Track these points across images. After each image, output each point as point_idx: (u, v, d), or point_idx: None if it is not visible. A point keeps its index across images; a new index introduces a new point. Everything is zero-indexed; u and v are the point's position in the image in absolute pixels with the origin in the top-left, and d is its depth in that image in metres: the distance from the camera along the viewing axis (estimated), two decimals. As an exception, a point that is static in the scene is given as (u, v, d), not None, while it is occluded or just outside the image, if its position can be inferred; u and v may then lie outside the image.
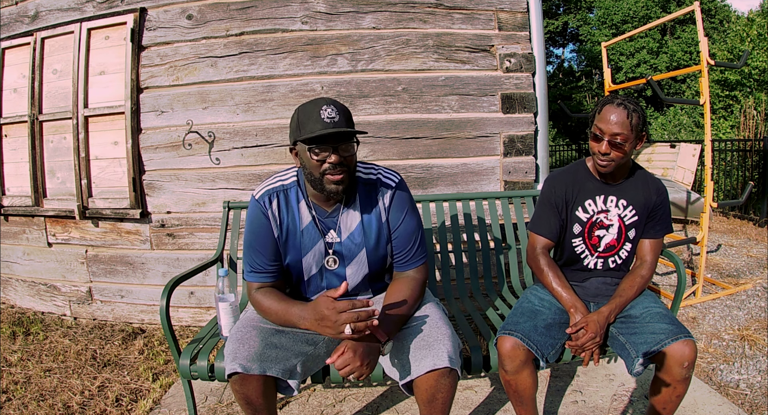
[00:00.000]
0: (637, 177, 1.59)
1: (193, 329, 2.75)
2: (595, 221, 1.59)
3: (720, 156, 6.38)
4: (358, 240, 1.37)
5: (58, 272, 2.98)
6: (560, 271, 1.61)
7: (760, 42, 10.49)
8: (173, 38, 2.61)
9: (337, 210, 1.36)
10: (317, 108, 1.21)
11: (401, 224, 1.38)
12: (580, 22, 21.77)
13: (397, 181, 1.40)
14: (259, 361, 1.22)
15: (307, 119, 1.21)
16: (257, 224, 1.35)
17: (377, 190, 1.38)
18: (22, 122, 2.95)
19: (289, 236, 1.36)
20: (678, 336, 1.33)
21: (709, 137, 3.00)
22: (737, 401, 1.90)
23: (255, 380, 1.22)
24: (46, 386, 2.14)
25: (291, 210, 1.35)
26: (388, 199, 1.38)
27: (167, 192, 2.70)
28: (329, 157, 1.21)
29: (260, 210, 1.34)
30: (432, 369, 1.21)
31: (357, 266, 1.40)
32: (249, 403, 1.26)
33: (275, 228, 1.34)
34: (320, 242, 1.36)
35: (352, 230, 1.37)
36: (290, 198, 1.36)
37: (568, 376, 2.10)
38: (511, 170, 2.61)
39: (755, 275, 3.57)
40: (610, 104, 1.45)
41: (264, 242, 1.35)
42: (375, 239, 1.38)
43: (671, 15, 3.21)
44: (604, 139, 1.45)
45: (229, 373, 1.22)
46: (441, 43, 2.57)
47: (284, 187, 1.37)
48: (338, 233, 1.36)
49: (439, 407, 1.28)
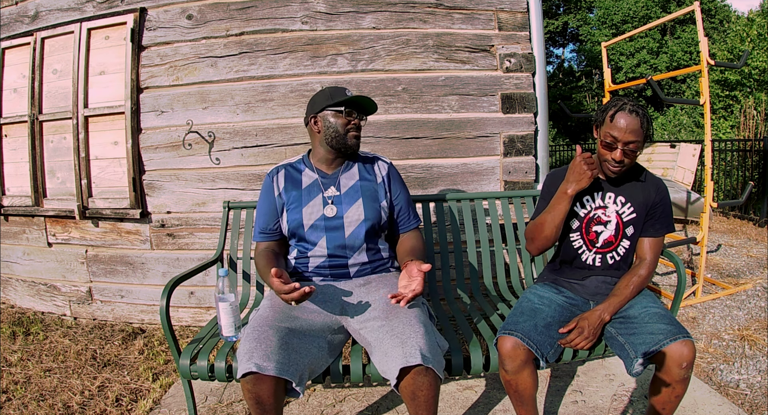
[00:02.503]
0: (637, 175, 1.59)
1: (193, 329, 2.75)
2: (593, 216, 1.60)
3: (720, 156, 6.39)
4: (356, 193, 1.63)
5: (58, 272, 2.98)
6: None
7: (760, 42, 10.49)
8: (173, 38, 2.62)
9: (337, 172, 1.66)
10: (343, 89, 1.60)
11: (400, 193, 1.71)
12: (580, 22, 21.78)
13: (389, 162, 1.76)
14: (276, 362, 1.24)
15: (338, 93, 1.58)
16: (264, 192, 1.67)
17: (374, 163, 1.72)
18: (22, 122, 2.95)
19: (292, 193, 1.63)
20: (677, 336, 1.33)
21: (709, 137, 3.00)
22: (737, 401, 1.90)
23: (269, 381, 1.23)
24: (46, 386, 2.14)
25: (295, 176, 1.66)
26: (385, 170, 1.71)
27: (167, 192, 2.70)
28: (355, 119, 1.60)
29: (269, 179, 1.67)
30: (405, 366, 1.23)
31: (355, 216, 1.60)
32: (259, 403, 1.26)
33: (276, 189, 1.64)
34: (320, 196, 1.62)
35: (350, 186, 1.64)
36: (295, 168, 1.69)
37: (568, 376, 2.10)
38: (511, 170, 2.62)
39: (755, 275, 3.58)
40: (622, 111, 1.44)
41: (267, 206, 1.65)
42: (371, 194, 1.64)
43: (671, 15, 3.21)
44: (618, 148, 1.45)
45: (245, 372, 1.22)
46: (441, 43, 2.57)
47: (290, 163, 1.72)
48: (338, 188, 1.63)
49: (422, 405, 1.29)
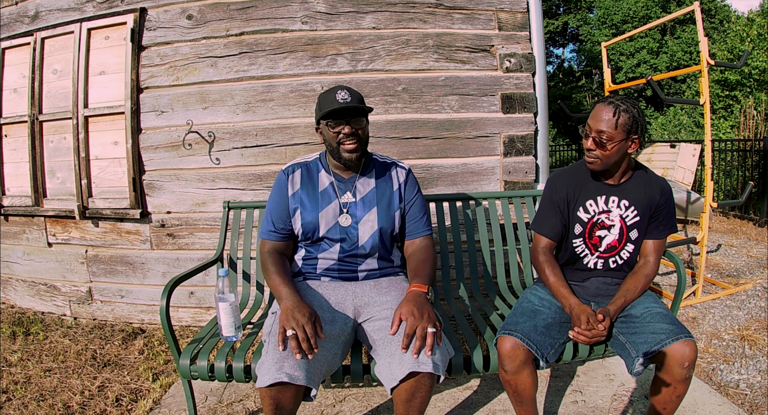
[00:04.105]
0: (640, 177, 1.58)
1: (193, 329, 2.75)
2: (596, 221, 1.59)
3: (720, 156, 6.39)
4: (371, 200, 1.59)
5: (58, 272, 2.98)
6: (559, 270, 1.61)
7: (760, 42, 10.49)
8: (173, 38, 2.62)
9: (353, 177, 1.61)
10: (334, 92, 1.49)
11: (414, 197, 1.66)
12: (580, 22, 21.77)
13: (408, 168, 1.71)
14: (305, 371, 1.24)
15: (326, 101, 1.50)
16: (277, 190, 1.62)
17: (391, 169, 1.67)
18: (22, 122, 2.95)
19: (307, 196, 1.59)
20: (678, 336, 1.33)
21: (709, 137, 3.00)
22: (737, 401, 1.90)
23: (294, 389, 1.24)
24: (46, 386, 2.14)
25: (311, 177, 1.62)
26: (402, 177, 1.66)
27: (167, 192, 2.70)
28: (343, 128, 1.49)
29: (283, 177, 1.62)
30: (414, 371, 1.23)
31: (368, 224, 1.57)
32: (280, 408, 1.26)
33: (291, 188, 1.60)
34: (336, 202, 1.58)
35: (366, 192, 1.60)
36: (311, 168, 1.64)
37: (568, 376, 2.10)
38: (511, 170, 2.61)
39: (755, 275, 3.57)
40: (602, 103, 1.47)
41: (278, 205, 1.60)
42: (387, 201, 1.60)
43: (671, 15, 3.20)
44: (591, 136, 1.47)
45: (276, 382, 1.21)
46: (441, 43, 2.57)
47: (306, 162, 1.66)
48: (353, 194, 1.60)
49: (416, 406, 1.30)
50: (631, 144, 1.47)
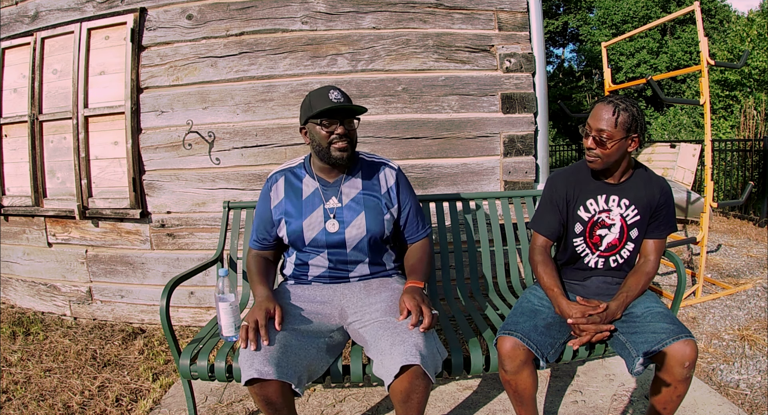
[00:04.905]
0: (640, 176, 1.58)
1: (193, 329, 2.75)
2: (597, 220, 1.59)
3: (720, 156, 6.39)
4: (358, 204, 1.55)
5: (58, 272, 2.98)
6: (554, 270, 1.61)
7: (760, 42, 10.50)
8: (173, 38, 2.62)
9: (339, 181, 1.57)
10: (326, 91, 1.46)
11: (408, 202, 1.63)
12: (580, 22, 21.77)
13: (398, 168, 1.65)
14: (276, 365, 1.25)
15: (318, 100, 1.46)
16: (261, 202, 1.62)
17: (379, 169, 1.61)
18: (22, 122, 2.95)
19: (292, 205, 1.56)
20: (679, 336, 1.33)
21: (709, 137, 3.00)
22: (737, 401, 1.90)
23: (274, 383, 1.25)
24: (46, 386, 2.14)
25: (295, 184, 1.58)
26: (392, 179, 1.61)
27: (167, 192, 2.70)
28: (336, 128, 1.45)
29: (267, 186, 1.61)
30: (405, 364, 1.22)
31: (357, 230, 1.53)
32: (270, 403, 1.28)
33: (274, 199, 1.58)
34: (321, 207, 1.54)
35: (352, 196, 1.56)
36: (296, 173, 1.60)
37: (568, 376, 2.10)
38: (511, 170, 2.61)
39: (755, 275, 3.58)
40: (601, 102, 1.48)
41: (260, 218, 1.61)
42: (374, 205, 1.56)
43: (671, 15, 3.21)
44: (591, 135, 1.47)
45: (248, 379, 1.24)
46: (441, 43, 2.57)
47: (291, 168, 1.63)
48: (339, 199, 1.55)
49: (414, 407, 1.30)
50: (630, 142, 1.47)
